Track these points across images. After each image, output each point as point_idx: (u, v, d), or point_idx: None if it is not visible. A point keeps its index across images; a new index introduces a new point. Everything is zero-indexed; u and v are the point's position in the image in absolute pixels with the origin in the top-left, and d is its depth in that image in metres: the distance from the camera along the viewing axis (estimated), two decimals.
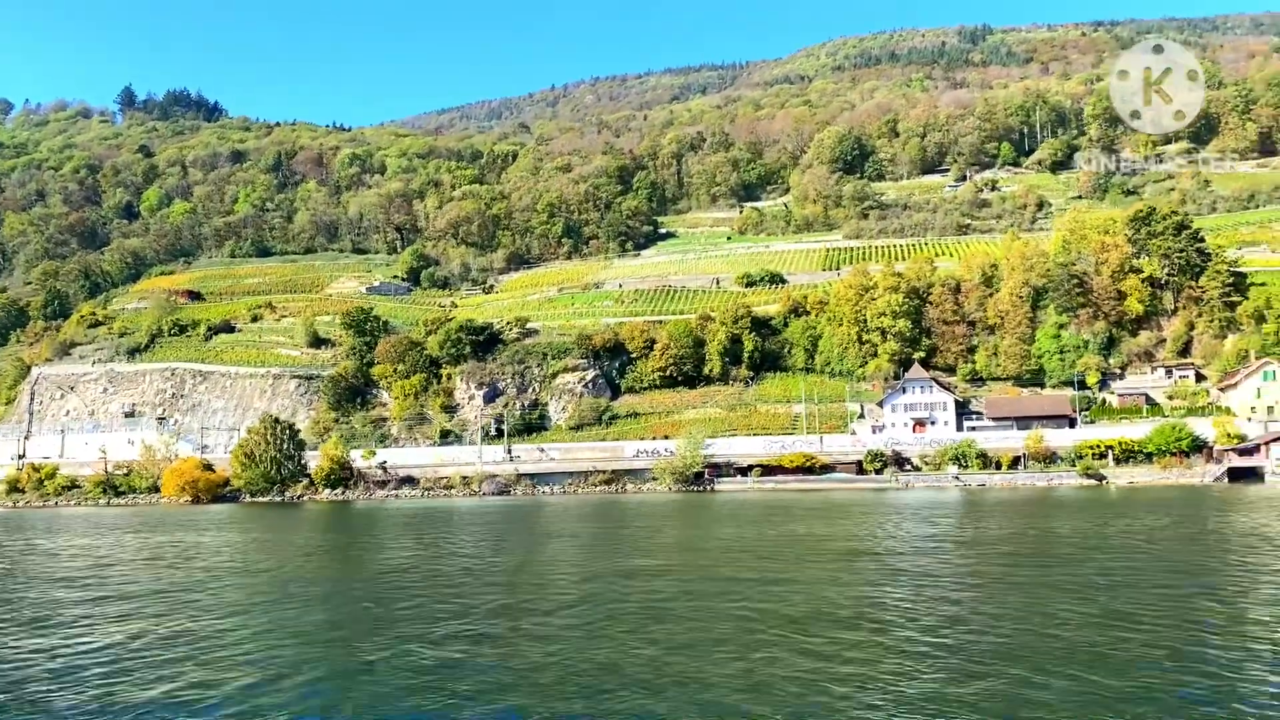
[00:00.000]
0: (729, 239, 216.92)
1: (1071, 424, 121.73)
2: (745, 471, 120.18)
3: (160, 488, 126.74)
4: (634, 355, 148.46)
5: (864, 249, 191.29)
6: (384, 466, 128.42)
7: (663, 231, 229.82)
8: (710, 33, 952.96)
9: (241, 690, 18.37)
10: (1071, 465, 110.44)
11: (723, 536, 52.20)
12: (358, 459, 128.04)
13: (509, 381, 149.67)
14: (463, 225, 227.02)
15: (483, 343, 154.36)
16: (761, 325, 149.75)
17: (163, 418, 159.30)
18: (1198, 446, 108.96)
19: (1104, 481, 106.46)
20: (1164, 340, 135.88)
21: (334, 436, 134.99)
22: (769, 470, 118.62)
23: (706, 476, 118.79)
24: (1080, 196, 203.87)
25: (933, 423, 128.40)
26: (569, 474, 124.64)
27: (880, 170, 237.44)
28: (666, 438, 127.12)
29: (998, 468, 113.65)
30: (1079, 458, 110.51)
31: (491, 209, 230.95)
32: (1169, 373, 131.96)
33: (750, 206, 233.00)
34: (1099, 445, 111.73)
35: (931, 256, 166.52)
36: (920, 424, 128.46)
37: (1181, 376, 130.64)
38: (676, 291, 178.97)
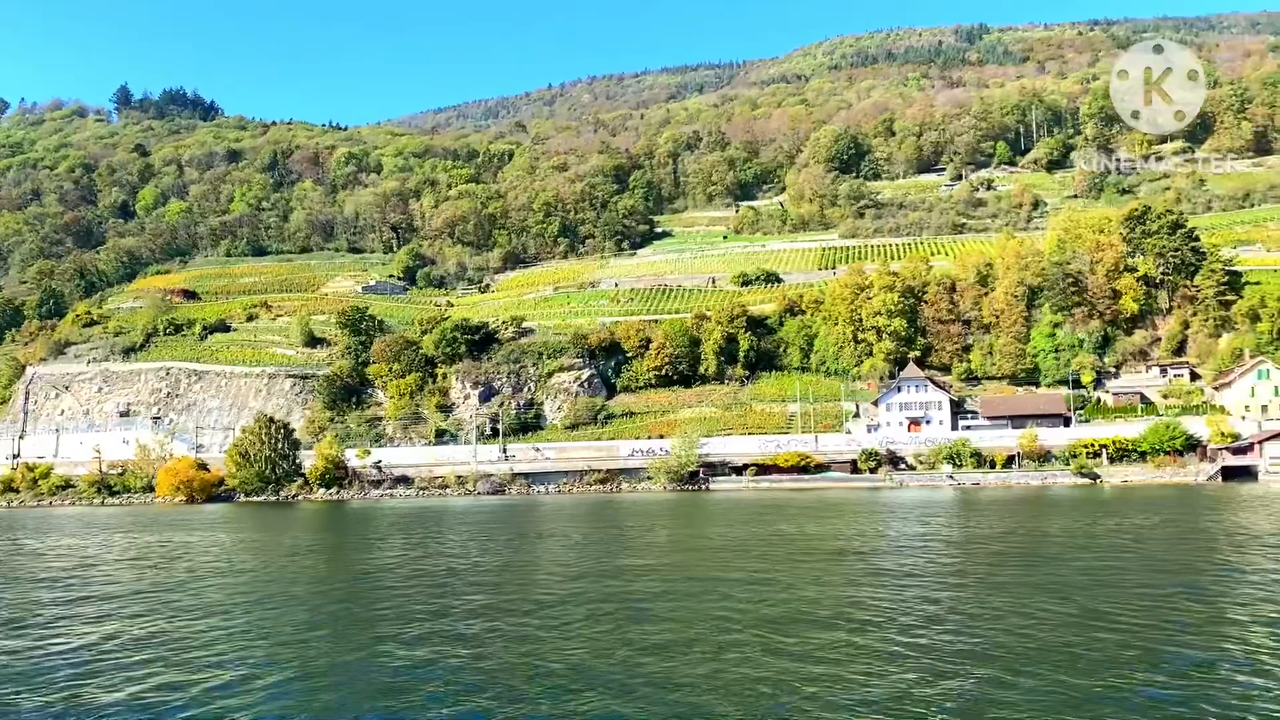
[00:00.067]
0: (725, 238, 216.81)
1: (1066, 423, 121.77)
2: (740, 471, 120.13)
3: (155, 487, 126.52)
4: (629, 354, 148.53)
5: (860, 248, 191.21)
6: (379, 466, 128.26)
7: (659, 231, 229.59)
8: (707, 32, 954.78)
9: (207, 692, 18.30)
10: (1066, 464, 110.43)
11: (711, 536, 52.15)
12: (352, 458, 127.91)
13: (504, 381, 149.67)
14: (459, 224, 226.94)
15: (478, 342, 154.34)
16: (757, 324, 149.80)
17: (158, 417, 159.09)
18: (1192, 445, 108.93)
19: (1098, 480, 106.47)
20: (1159, 339, 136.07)
21: (329, 436, 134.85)
22: (764, 469, 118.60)
23: (701, 476, 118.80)
24: (1076, 195, 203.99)
25: (928, 422, 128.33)
26: (564, 473, 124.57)
27: (876, 169, 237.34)
28: (662, 437, 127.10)
29: (992, 467, 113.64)
30: (1073, 457, 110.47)
31: (487, 208, 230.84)
32: (1164, 372, 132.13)
33: (746, 206, 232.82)
34: (1093, 444, 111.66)
35: (927, 256, 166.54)
36: (915, 423, 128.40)
37: (1176, 375, 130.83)
38: (672, 291, 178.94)
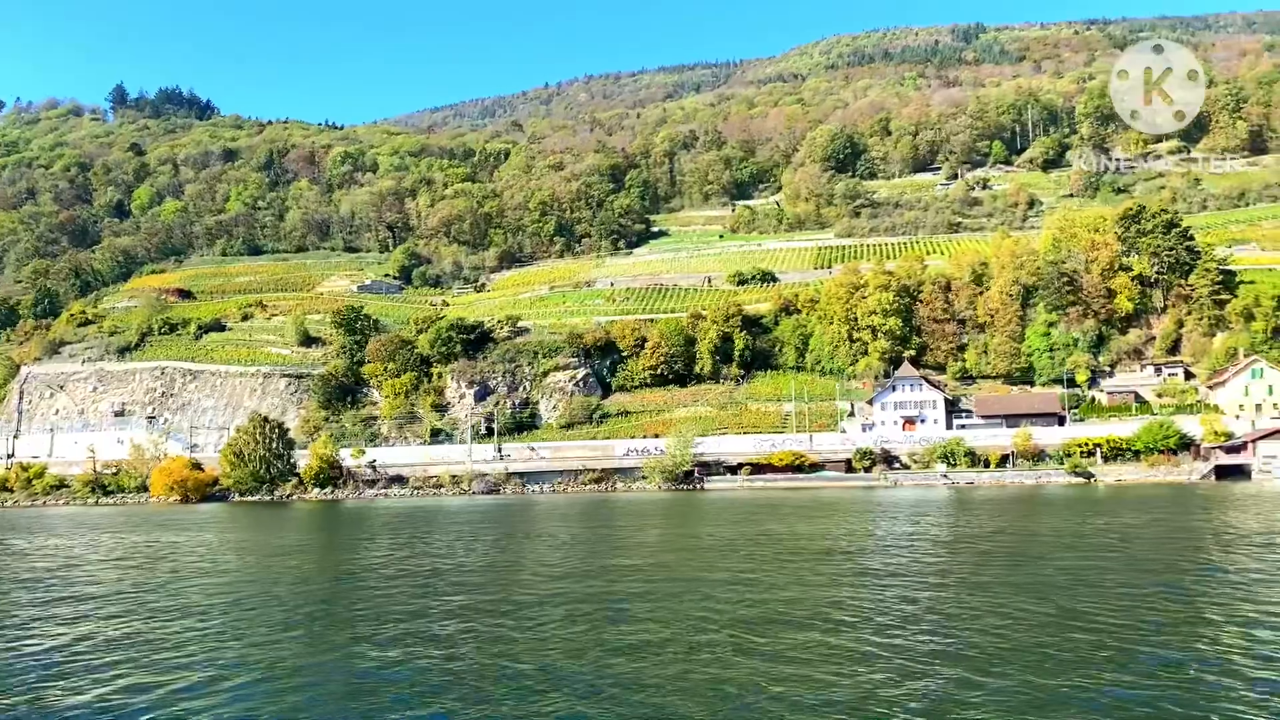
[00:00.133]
0: (721, 237, 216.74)
1: (1060, 422, 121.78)
2: (735, 470, 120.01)
3: (149, 487, 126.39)
4: (625, 354, 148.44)
5: (855, 247, 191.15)
6: (373, 465, 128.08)
7: (655, 230, 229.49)
8: (704, 31, 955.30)
9: (171, 694, 18.20)
10: (1060, 463, 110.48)
11: (700, 536, 52.09)
12: (347, 458, 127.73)
13: (500, 380, 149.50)
14: (455, 224, 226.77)
15: (473, 341, 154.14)
16: (753, 324, 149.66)
17: (152, 417, 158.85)
18: (1185, 444, 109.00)
19: (1092, 479, 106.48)
20: (1153, 338, 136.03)
21: (323, 435, 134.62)
22: (758, 469, 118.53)
23: (696, 475, 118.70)
24: (1071, 195, 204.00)
25: (922, 421, 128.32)
26: (559, 473, 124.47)
27: (872, 169, 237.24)
28: (657, 436, 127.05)
29: (986, 466, 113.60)
30: (1067, 456, 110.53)
31: (484, 207, 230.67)
32: (1158, 371, 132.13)
33: (742, 205, 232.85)
34: (1087, 443, 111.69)
35: (922, 255, 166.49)
36: (910, 422, 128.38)
37: (1171, 374, 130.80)
38: (668, 290, 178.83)
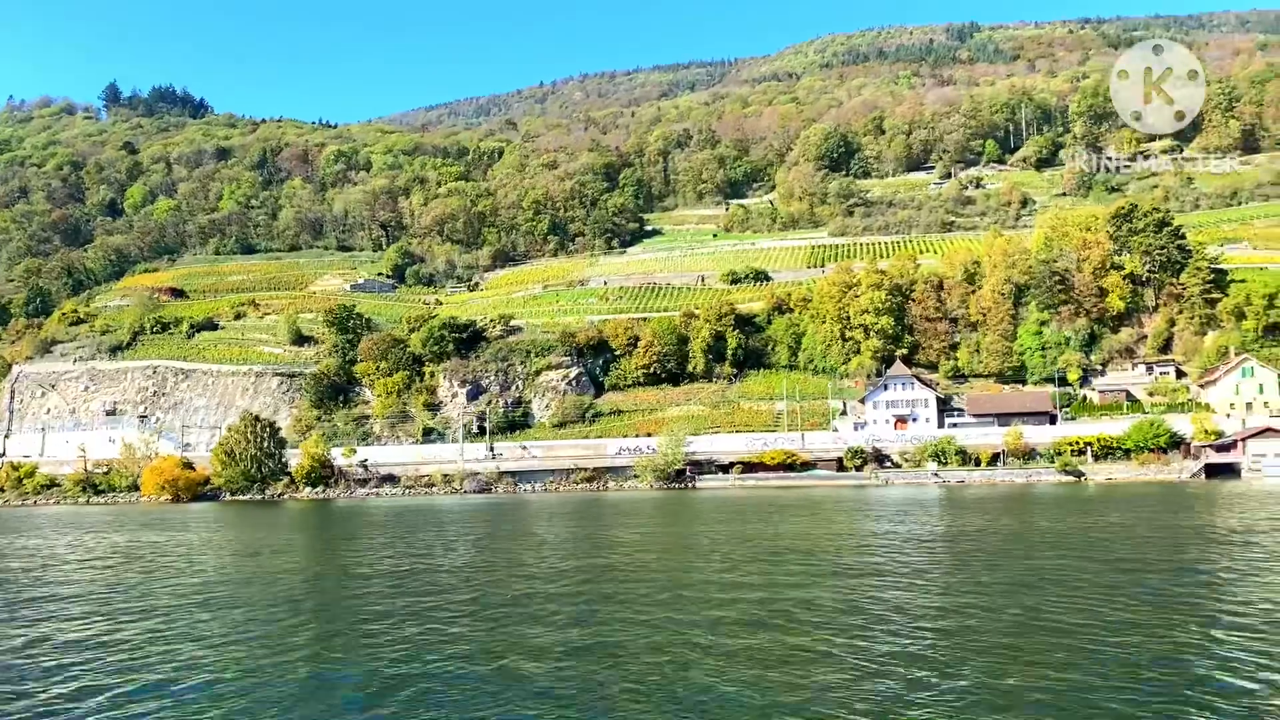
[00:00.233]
0: (715, 236, 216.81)
1: (1052, 420, 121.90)
2: (727, 469, 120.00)
3: (140, 486, 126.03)
4: (618, 352, 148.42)
5: (849, 246, 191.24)
6: (365, 465, 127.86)
7: (649, 229, 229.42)
8: (700, 30, 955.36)
9: (115, 698, 18.02)
10: (1050, 462, 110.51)
11: (683, 535, 51.99)
12: (338, 457, 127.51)
13: (492, 379, 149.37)
14: (448, 222, 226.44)
15: (466, 340, 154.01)
16: (745, 322, 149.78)
17: (144, 416, 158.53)
18: (1176, 443, 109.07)
19: (1082, 478, 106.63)
20: (1145, 337, 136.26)
21: (315, 435, 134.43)
22: (750, 467, 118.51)
23: (688, 474, 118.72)
24: (1064, 194, 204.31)
25: (914, 419, 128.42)
26: (551, 472, 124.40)
27: (866, 168, 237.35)
28: (649, 435, 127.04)
29: (977, 464, 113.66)
30: (1057, 454, 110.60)
31: (477, 206, 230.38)
32: (1150, 369, 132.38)
33: (736, 204, 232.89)
34: (1078, 442, 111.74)
35: (915, 254, 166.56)
36: (902, 421, 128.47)
37: (1162, 373, 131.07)
38: (661, 289, 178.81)
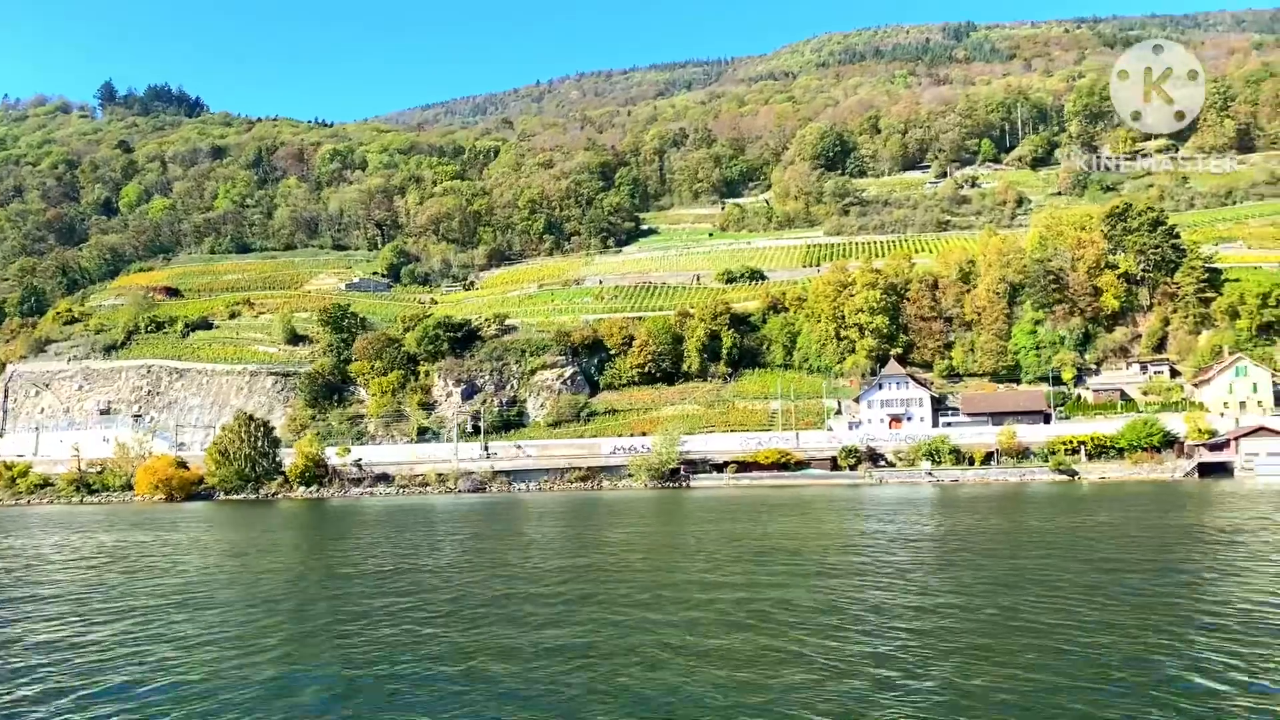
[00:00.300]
0: (710, 235, 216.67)
1: (1046, 419, 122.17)
2: (721, 468, 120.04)
3: (134, 486, 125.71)
4: (613, 352, 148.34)
5: (844, 246, 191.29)
6: (359, 464, 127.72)
7: (644, 228, 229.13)
8: (696, 29, 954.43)
9: (79, 700, 18.05)
10: (1044, 461, 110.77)
11: (671, 534, 52.02)
12: (332, 456, 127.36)
13: (487, 378, 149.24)
14: (444, 221, 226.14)
15: (461, 339, 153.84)
16: (740, 322, 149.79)
17: (138, 415, 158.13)
18: (1169, 442, 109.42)
19: (1075, 477, 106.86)
20: (1139, 336, 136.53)
21: (309, 434, 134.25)
22: (744, 467, 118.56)
23: (682, 473, 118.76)
24: (1060, 193, 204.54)
25: (908, 419, 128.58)
26: (545, 471, 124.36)
27: (861, 167, 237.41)
28: (644, 434, 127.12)
29: (971, 463, 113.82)
30: (1051, 454, 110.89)
31: (473, 205, 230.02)
32: (1144, 368, 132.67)
33: (732, 203, 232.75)
34: (1072, 441, 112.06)
35: (910, 253, 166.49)
36: (896, 420, 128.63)
37: (1156, 372, 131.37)
38: (657, 288, 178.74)
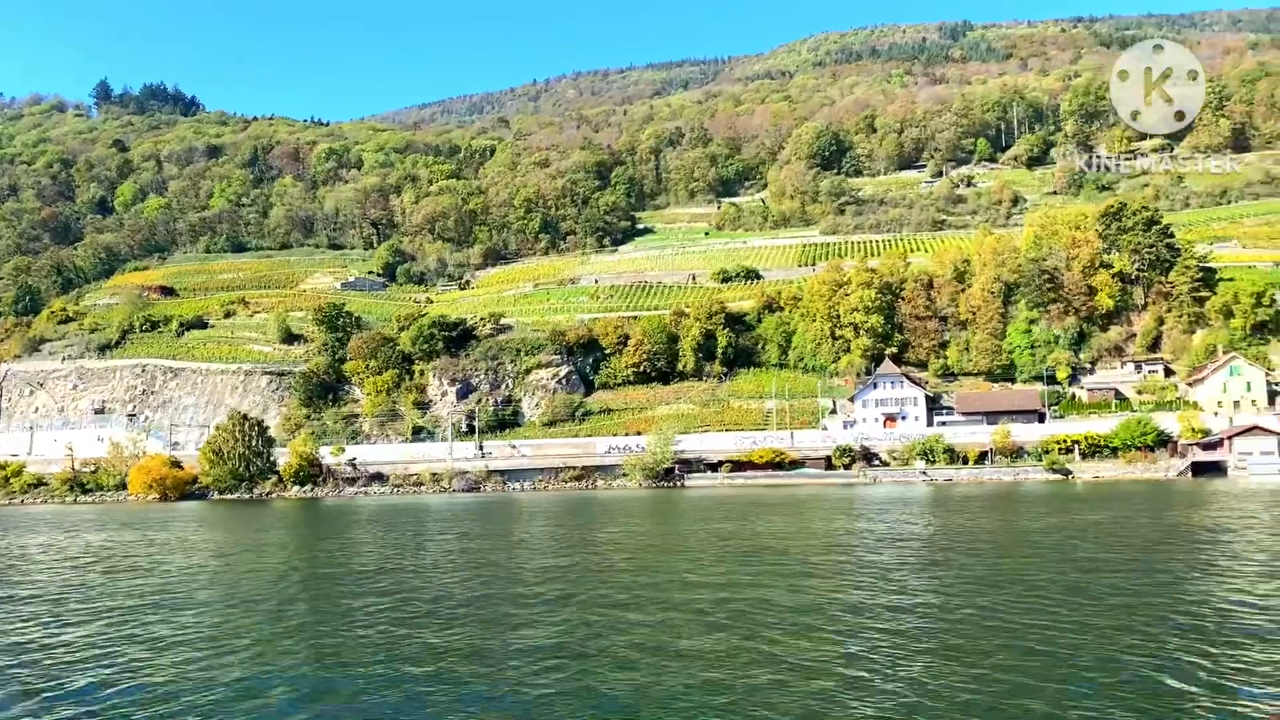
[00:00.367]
0: (706, 235, 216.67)
1: (1040, 419, 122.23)
2: (715, 467, 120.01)
3: (128, 485, 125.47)
4: (608, 351, 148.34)
5: (840, 245, 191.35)
6: (353, 463, 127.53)
7: (640, 227, 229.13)
8: (693, 28, 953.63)
9: (41, 703, 17.98)
10: (1038, 460, 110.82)
11: (659, 534, 51.92)
12: (326, 456, 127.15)
13: (482, 378, 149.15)
14: (439, 220, 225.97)
15: (456, 339, 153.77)
16: (736, 321, 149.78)
17: (133, 414, 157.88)
18: (1163, 441, 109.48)
19: (1069, 476, 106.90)
20: (1134, 335, 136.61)
21: (304, 433, 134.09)
22: (739, 466, 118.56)
23: (676, 472, 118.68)
24: (1055, 192, 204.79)
25: (903, 418, 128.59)
26: (540, 470, 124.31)
27: (857, 166, 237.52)
28: (639, 434, 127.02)
29: (965, 463, 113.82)
30: (1045, 453, 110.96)
31: (469, 204, 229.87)
32: (1138, 368, 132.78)
33: (728, 202, 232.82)
34: (1065, 440, 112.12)
35: (906, 252, 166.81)
36: (891, 419, 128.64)
37: (1151, 371, 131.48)
38: (652, 287, 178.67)
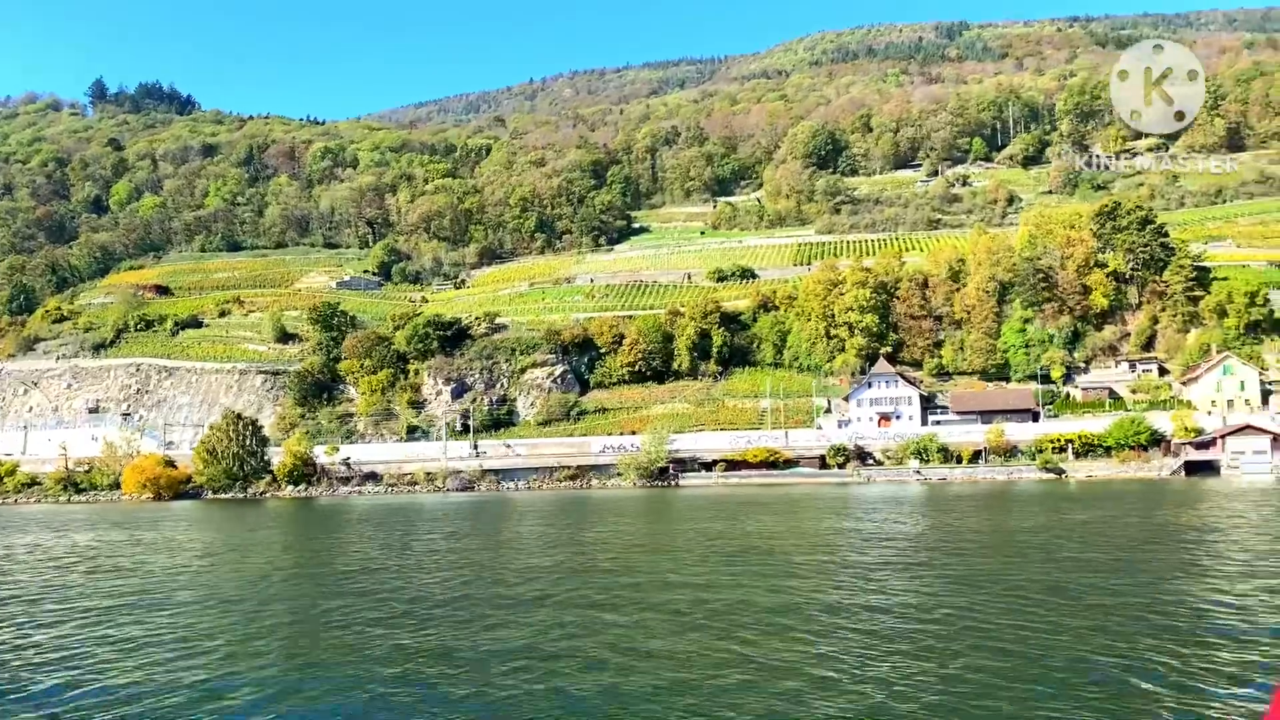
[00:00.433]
0: (702, 234, 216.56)
1: (1034, 418, 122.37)
2: (710, 467, 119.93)
3: (121, 485, 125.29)
4: (603, 350, 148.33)
5: (835, 244, 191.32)
6: (348, 463, 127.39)
7: (636, 226, 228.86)
8: (690, 27, 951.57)
9: (11, 703, 17.90)
10: (1032, 459, 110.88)
11: (651, 534, 51.90)
12: (321, 455, 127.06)
13: (477, 377, 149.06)
14: (435, 219, 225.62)
15: (451, 338, 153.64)
16: (731, 320, 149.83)
17: (127, 414, 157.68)
18: (1156, 440, 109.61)
19: (1063, 475, 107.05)
20: (1128, 335, 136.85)
21: (298, 433, 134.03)
22: (733, 465, 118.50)
23: (671, 472, 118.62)
24: (1051, 191, 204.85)
25: (898, 417, 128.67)
26: (534, 470, 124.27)
27: (853, 165, 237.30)
28: (634, 433, 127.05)
29: (959, 462, 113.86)
30: (1039, 452, 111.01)
31: (464, 203, 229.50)
32: (1133, 367, 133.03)
33: (724, 201, 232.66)
34: (1059, 439, 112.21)
35: (901, 251, 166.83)
36: (885, 418, 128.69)
37: (1145, 370, 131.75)
38: (648, 287, 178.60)
